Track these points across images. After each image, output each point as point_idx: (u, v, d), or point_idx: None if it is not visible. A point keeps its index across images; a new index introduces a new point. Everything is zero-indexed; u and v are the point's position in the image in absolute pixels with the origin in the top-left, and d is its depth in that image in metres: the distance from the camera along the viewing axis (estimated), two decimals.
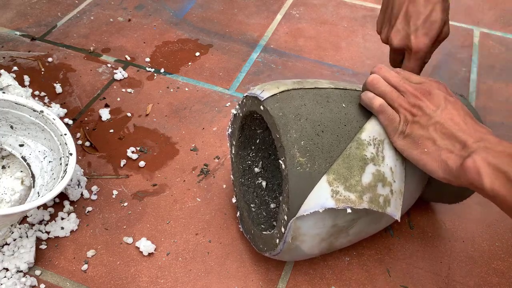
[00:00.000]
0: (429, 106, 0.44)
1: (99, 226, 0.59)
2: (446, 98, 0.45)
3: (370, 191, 0.44)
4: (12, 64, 0.81)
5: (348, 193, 0.43)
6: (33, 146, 0.63)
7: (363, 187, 0.43)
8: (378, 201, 0.44)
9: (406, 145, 0.45)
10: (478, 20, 0.96)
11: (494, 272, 0.56)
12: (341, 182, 0.43)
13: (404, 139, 0.45)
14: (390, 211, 0.45)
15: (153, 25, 0.92)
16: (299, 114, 0.45)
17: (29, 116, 0.61)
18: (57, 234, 0.58)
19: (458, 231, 0.60)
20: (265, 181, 0.59)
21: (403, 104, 0.46)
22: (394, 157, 0.46)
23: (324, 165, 0.43)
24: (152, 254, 0.57)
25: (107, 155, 0.68)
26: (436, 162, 0.42)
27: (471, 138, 0.41)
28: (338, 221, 0.45)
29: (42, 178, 0.60)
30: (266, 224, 0.54)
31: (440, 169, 0.42)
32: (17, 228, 0.57)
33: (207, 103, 0.76)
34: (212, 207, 0.62)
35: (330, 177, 0.43)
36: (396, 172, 0.46)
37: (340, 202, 0.42)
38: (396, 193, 0.46)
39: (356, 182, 0.43)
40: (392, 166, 0.46)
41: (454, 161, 0.41)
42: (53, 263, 0.55)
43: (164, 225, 0.60)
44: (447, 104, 0.44)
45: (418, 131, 0.44)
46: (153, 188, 0.64)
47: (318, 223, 0.44)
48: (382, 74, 0.49)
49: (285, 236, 0.45)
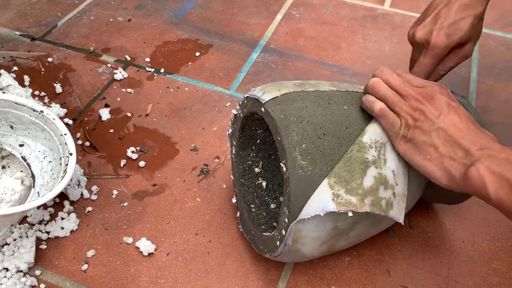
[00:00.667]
0: (431, 111, 0.44)
1: (99, 226, 0.59)
2: (449, 103, 0.45)
3: (371, 194, 0.43)
4: (12, 64, 0.81)
5: (350, 197, 0.42)
6: (33, 146, 0.63)
7: (365, 190, 0.43)
8: (380, 204, 0.44)
9: (408, 150, 0.45)
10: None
11: (494, 272, 0.56)
12: (342, 185, 0.43)
13: (405, 144, 0.45)
14: (393, 214, 0.45)
15: (153, 25, 0.92)
16: (300, 117, 0.45)
17: (29, 116, 0.61)
18: (57, 234, 0.58)
19: (458, 231, 0.60)
20: (265, 181, 0.59)
21: (405, 108, 0.45)
22: (396, 159, 0.46)
23: (326, 168, 0.43)
24: (152, 254, 0.57)
25: (107, 155, 0.68)
26: (440, 170, 0.42)
27: (474, 146, 0.41)
28: (339, 224, 0.45)
29: (42, 178, 0.60)
30: (267, 225, 0.54)
31: (444, 177, 0.42)
32: (17, 228, 0.57)
33: (207, 103, 0.76)
34: (212, 207, 0.62)
35: (331, 180, 0.43)
36: (399, 175, 0.46)
37: (341, 205, 0.42)
38: (399, 196, 0.46)
39: (357, 185, 0.43)
40: (394, 169, 0.46)
41: (458, 170, 0.41)
42: (53, 263, 0.55)
43: (164, 225, 0.60)
44: (450, 110, 0.44)
45: (420, 137, 0.44)
46: (153, 188, 0.64)
47: (319, 226, 0.44)
48: (383, 77, 0.49)
49: (285, 239, 0.45)
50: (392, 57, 0.86)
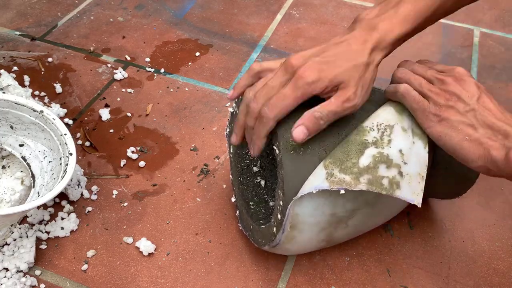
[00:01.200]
0: (463, 92, 0.42)
1: (99, 226, 0.59)
2: (479, 86, 0.43)
3: (368, 173, 0.43)
4: (12, 64, 0.81)
5: (343, 175, 0.42)
6: (33, 146, 0.63)
7: (360, 168, 0.43)
8: (381, 183, 0.43)
9: (444, 131, 0.42)
10: (478, 20, 0.96)
11: (494, 272, 0.56)
12: (337, 165, 0.43)
13: (440, 124, 0.43)
14: (401, 194, 0.43)
15: (153, 25, 0.92)
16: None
17: (29, 116, 0.61)
18: (57, 234, 0.58)
19: (458, 231, 0.60)
20: (263, 180, 0.59)
21: (434, 89, 0.44)
22: (408, 140, 0.45)
23: (318, 148, 0.44)
24: (152, 254, 0.57)
25: (107, 155, 0.68)
26: (478, 151, 0.40)
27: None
28: (337, 210, 0.45)
29: (42, 178, 0.60)
30: (265, 220, 0.55)
31: (481, 158, 0.40)
32: (17, 228, 0.57)
33: (207, 103, 0.76)
34: (212, 207, 0.62)
35: (326, 161, 0.43)
36: (411, 155, 0.44)
37: (334, 184, 0.42)
38: (410, 176, 0.44)
39: (352, 164, 0.43)
40: (402, 149, 0.44)
41: (499, 152, 0.39)
42: (53, 263, 0.55)
43: (164, 225, 0.60)
44: (481, 93, 0.43)
45: (456, 116, 0.42)
46: (153, 188, 0.64)
47: (317, 211, 0.44)
48: (408, 66, 0.47)
49: (283, 225, 0.45)
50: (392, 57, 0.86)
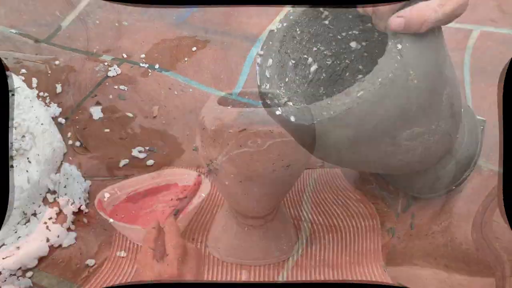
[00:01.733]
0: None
1: (99, 226, 0.59)
2: None
3: None
4: (19, 67, 0.82)
5: None
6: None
7: None
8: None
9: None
10: (477, 20, 0.95)
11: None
12: None
13: None
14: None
15: (153, 25, 0.92)
16: None
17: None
18: (54, 236, 0.57)
19: (458, 231, 0.59)
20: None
21: None
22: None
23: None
24: None
25: (100, 155, 0.68)
26: None
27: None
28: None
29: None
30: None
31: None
32: (17, 228, 0.57)
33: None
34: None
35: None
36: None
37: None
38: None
39: None
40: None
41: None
42: (51, 265, 0.56)
43: None
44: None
45: None
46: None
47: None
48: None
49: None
50: None
